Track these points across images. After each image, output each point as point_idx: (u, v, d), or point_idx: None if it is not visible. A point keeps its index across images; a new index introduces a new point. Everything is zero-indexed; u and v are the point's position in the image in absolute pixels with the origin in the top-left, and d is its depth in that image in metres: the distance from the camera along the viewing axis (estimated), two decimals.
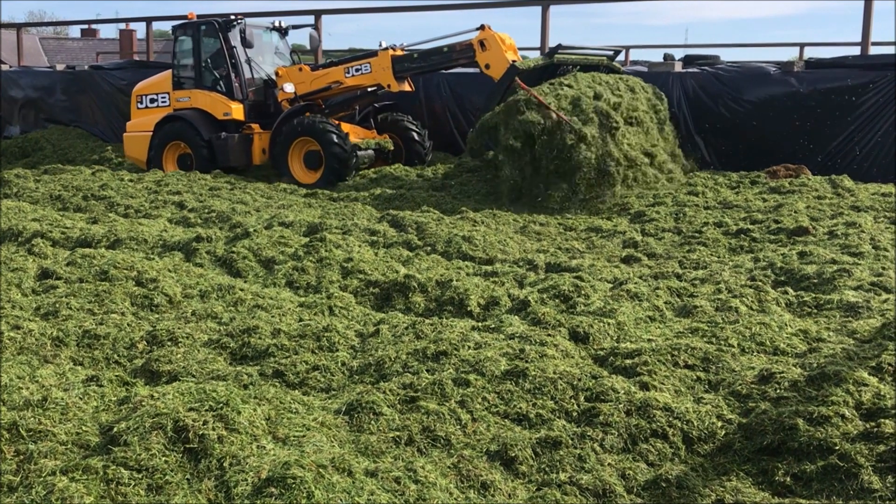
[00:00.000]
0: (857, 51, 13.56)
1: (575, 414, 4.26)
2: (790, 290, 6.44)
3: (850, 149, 11.97)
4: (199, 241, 7.75)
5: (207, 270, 7.13)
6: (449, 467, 3.72)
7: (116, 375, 4.64)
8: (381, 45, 13.14)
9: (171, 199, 10.76)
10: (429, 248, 8.01)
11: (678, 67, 13.61)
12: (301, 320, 5.78)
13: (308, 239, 7.76)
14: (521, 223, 9.49)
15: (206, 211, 9.86)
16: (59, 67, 20.56)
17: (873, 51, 13.42)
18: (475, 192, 11.22)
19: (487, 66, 12.06)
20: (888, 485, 3.54)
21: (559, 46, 11.90)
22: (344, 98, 13.99)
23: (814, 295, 6.30)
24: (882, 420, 3.92)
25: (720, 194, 10.71)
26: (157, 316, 5.94)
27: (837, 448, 3.75)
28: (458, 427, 4.08)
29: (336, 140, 12.68)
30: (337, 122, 13.22)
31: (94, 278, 6.50)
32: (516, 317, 5.71)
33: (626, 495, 3.61)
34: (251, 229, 8.04)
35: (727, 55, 18.25)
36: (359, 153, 12.97)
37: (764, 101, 12.37)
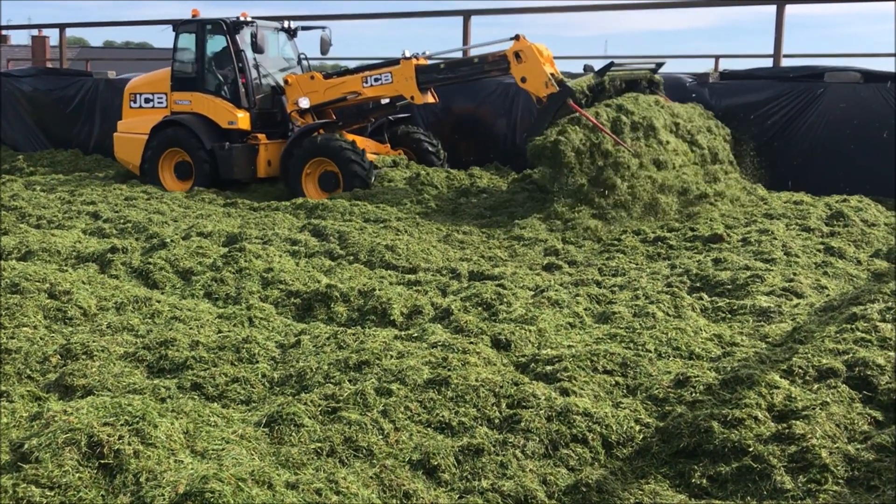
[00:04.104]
0: (769, 62, 13.95)
1: (497, 421, 4.28)
2: (705, 296, 6.59)
3: (763, 158, 12.30)
4: (114, 252, 7.58)
5: (123, 282, 6.97)
6: (371, 478, 3.70)
7: (28, 391, 4.51)
8: (404, 54, 12.29)
9: (85, 209, 10.51)
10: (351, 258, 7.97)
11: None
12: (220, 332, 5.69)
13: (227, 249, 7.65)
14: (444, 232, 9.51)
15: (122, 221, 9.65)
16: None
17: (785, 62, 13.83)
18: (398, 201, 11.18)
19: (524, 80, 11.38)
20: (799, 485, 3.64)
21: (611, 64, 11.31)
22: (359, 109, 13.19)
23: (728, 300, 6.45)
24: (793, 421, 4.03)
25: None
26: (71, 329, 5.79)
27: (751, 449, 3.84)
28: (381, 437, 4.07)
29: (355, 163, 11.83)
30: (346, 133, 12.47)
31: (5, 291, 6.29)
32: (439, 325, 5.72)
33: (547, 501, 3.64)
34: (168, 240, 7.90)
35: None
36: (375, 171, 12.14)
37: None
